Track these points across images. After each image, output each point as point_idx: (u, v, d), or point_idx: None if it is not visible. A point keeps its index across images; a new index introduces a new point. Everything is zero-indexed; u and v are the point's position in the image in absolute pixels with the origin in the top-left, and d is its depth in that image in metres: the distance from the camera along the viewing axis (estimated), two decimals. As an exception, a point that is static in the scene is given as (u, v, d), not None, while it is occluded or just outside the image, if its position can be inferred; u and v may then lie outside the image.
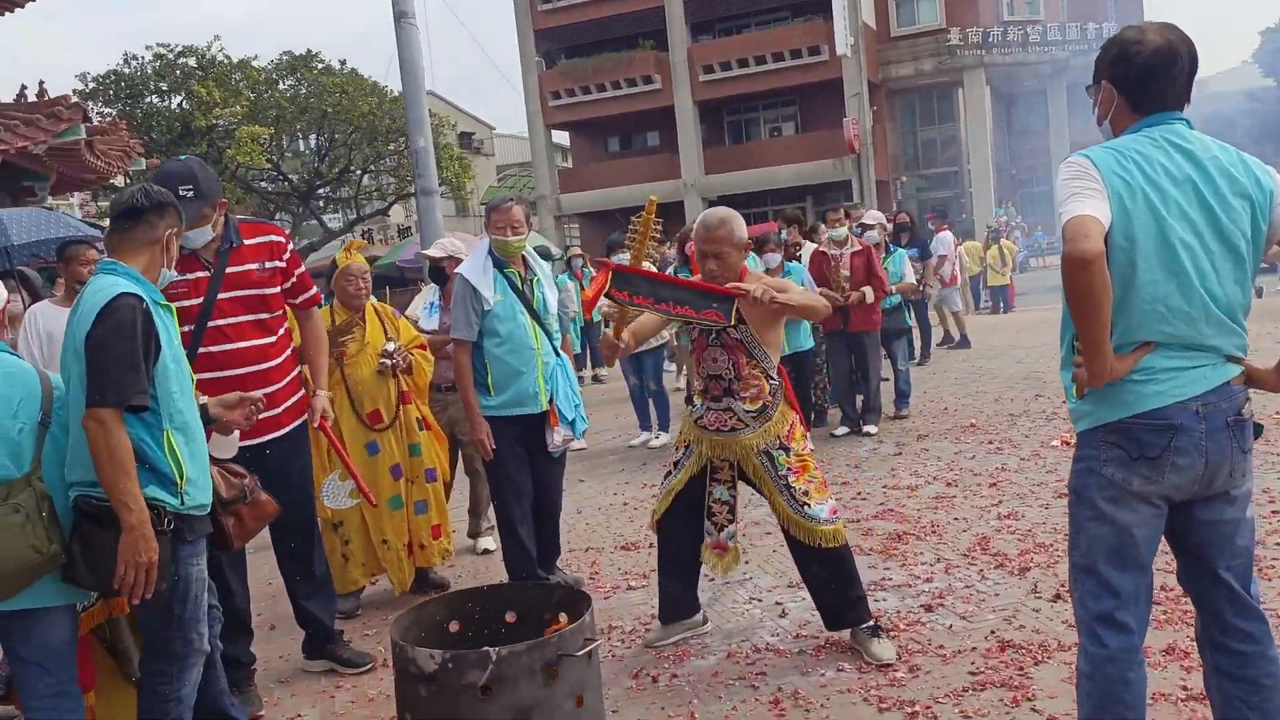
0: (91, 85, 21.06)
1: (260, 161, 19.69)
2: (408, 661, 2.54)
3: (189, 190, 3.65)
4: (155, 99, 20.61)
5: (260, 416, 3.82)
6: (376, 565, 4.94)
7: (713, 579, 4.55)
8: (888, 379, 9.13)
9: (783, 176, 32.61)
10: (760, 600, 4.58)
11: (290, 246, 4.05)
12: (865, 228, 8.78)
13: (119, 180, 18.60)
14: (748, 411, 3.87)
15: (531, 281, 4.62)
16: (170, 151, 21.27)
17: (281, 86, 21.49)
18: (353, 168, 22.52)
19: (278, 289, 3.96)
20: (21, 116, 13.23)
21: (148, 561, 2.74)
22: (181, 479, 2.81)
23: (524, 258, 4.62)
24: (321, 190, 23.16)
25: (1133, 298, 2.38)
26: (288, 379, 3.99)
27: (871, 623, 3.93)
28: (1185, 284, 2.37)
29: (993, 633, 3.97)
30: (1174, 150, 2.41)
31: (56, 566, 2.73)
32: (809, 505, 3.84)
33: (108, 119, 18.96)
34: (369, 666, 4.24)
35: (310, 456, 4.28)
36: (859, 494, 6.25)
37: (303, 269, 4.09)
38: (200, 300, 3.77)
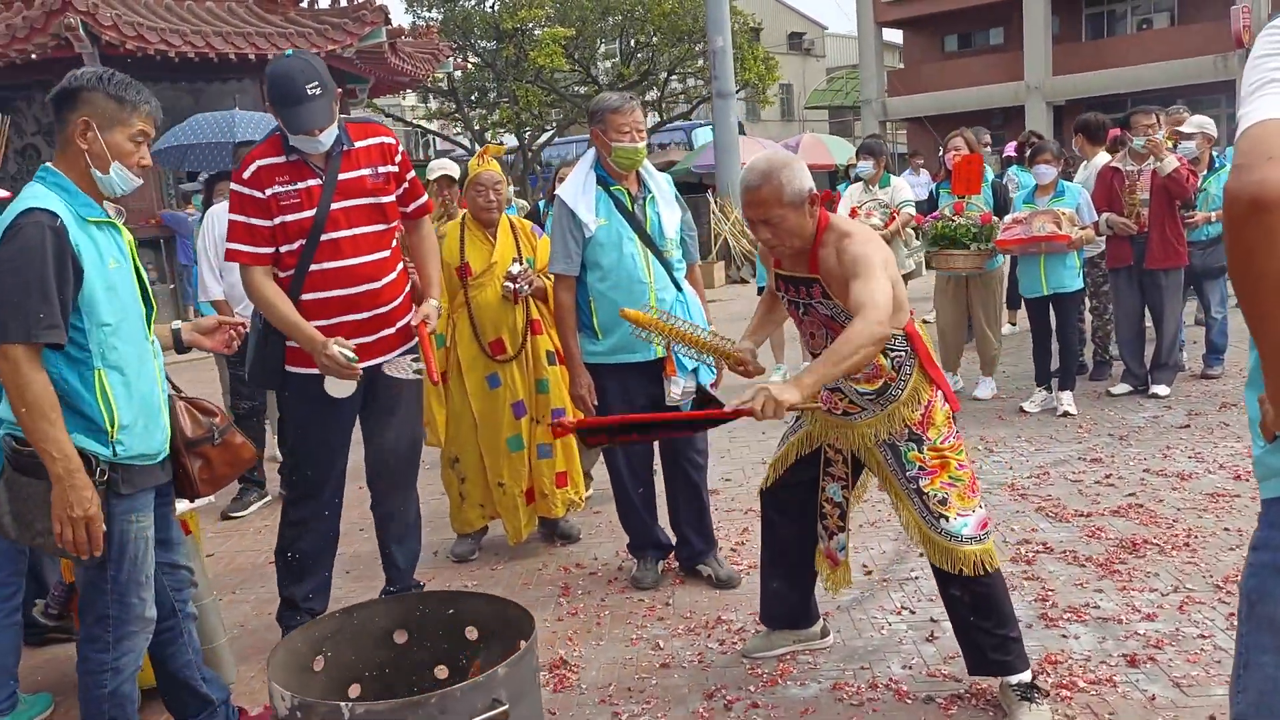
0: (416, -12, 22.02)
1: (561, 63, 19.74)
2: (270, 694, 2.00)
3: (315, 88, 3.22)
4: (470, 2, 21.20)
5: (371, 338, 3.43)
6: (495, 507, 4.49)
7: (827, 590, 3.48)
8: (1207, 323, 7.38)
9: (1147, 77, 28.39)
10: (912, 612, 3.64)
11: (401, 148, 3.58)
12: (1183, 137, 7.01)
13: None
14: (863, 393, 2.92)
15: (644, 201, 3.84)
16: (485, 55, 21.95)
17: (586, -13, 21.33)
18: (658, 70, 22.09)
19: (392, 197, 3.52)
20: (331, 20, 13.93)
21: (83, 515, 2.38)
22: (113, 426, 2.41)
23: (637, 172, 3.84)
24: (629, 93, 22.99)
25: None
26: (401, 297, 3.57)
27: (1026, 678, 2.92)
28: None
29: (1213, 719, 2.83)
30: None
31: None
32: (946, 517, 2.87)
33: (430, 23, 19.79)
34: None
35: (422, 384, 3.85)
36: (1108, 477, 4.96)
37: (414, 173, 3.62)
38: (314, 212, 3.35)
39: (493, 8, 20.87)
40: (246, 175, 3.36)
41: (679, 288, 3.86)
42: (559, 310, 3.86)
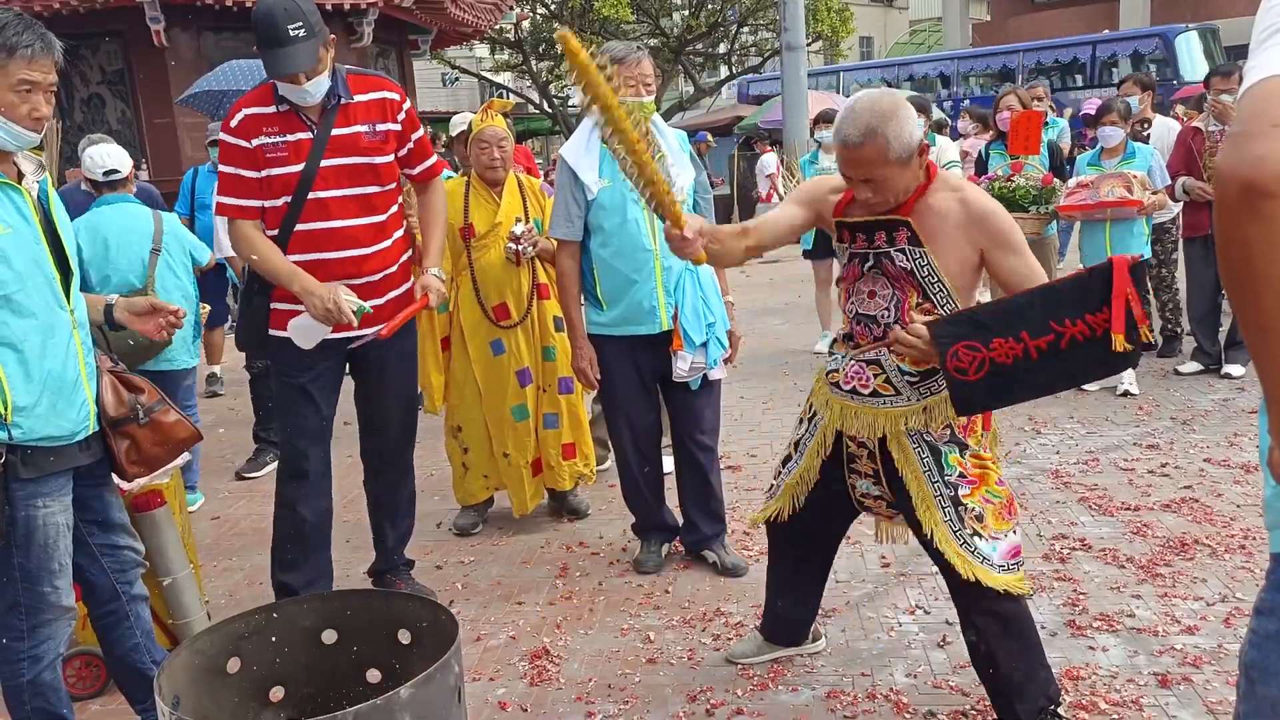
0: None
1: (626, 14, 19.27)
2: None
3: (299, 29, 3.01)
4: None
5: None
6: (500, 478, 4.30)
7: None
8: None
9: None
10: (926, 613, 3.36)
11: (407, 105, 3.34)
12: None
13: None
14: (906, 374, 2.53)
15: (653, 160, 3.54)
16: (551, 6, 21.58)
17: (656, -67, 20.73)
18: (729, 22, 21.46)
19: (390, 157, 3.29)
20: (390, -32, 13.71)
21: None
22: (6, 408, 2.23)
23: (645, 128, 3.55)
24: (698, 46, 22.39)
25: None
26: (392, 267, 3.35)
27: (1048, 705, 2.62)
28: None
29: (1246, 753, 2.51)
30: None
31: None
32: (980, 536, 2.49)
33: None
34: None
35: (415, 358, 3.64)
36: (1163, 466, 4.57)
37: (421, 133, 3.39)
38: (301, 167, 3.15)
39: (559, -43, 20.47)
40: (234, 124, 3.18)
41: (689, 255, 3.58)
42: (560, 278, 3.62)
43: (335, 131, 3.18)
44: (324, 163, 3.17)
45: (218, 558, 4.25)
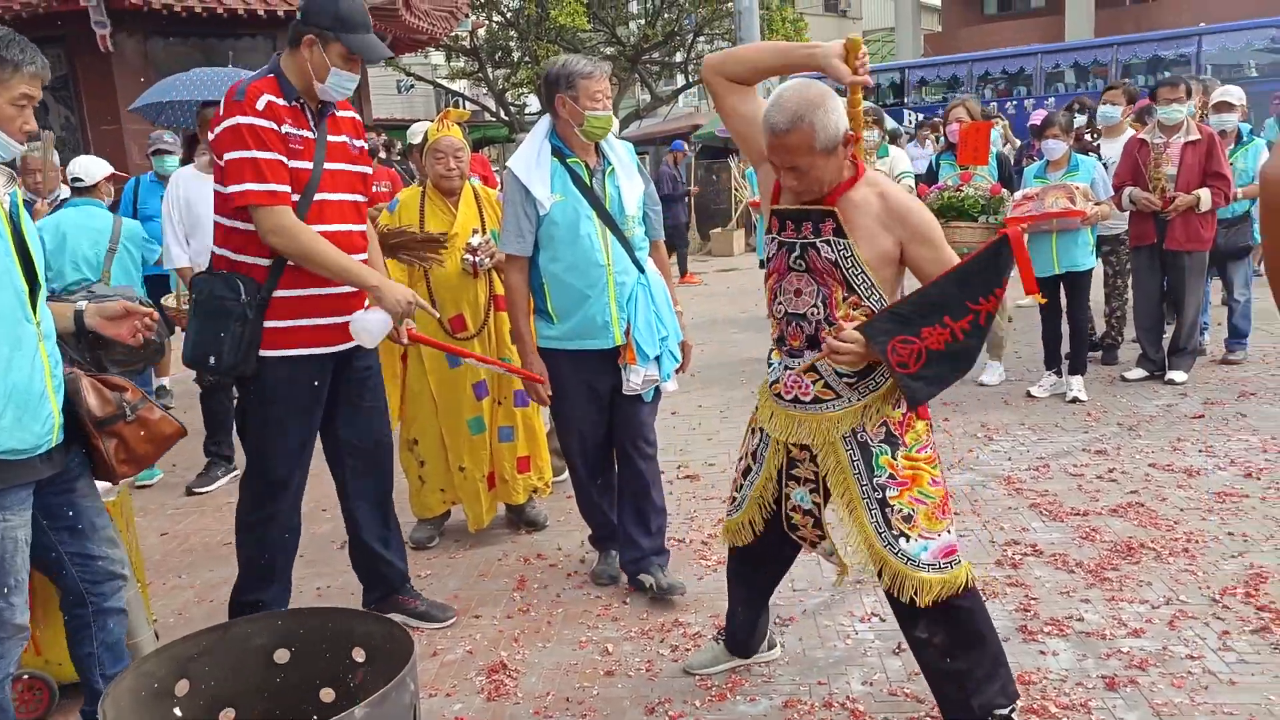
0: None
1: (582, 23, 19.26)
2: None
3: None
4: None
5: (344, 319, 3.14)
6: (456, 492, 4.28)
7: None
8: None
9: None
10: (881, 620, 3.39)
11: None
12: (1222, 109, 6.58)
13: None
14: (843, 377, 2.56)
15: (603, 174, 3.55)
16: (507, 14, 21.53)
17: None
18: (685, 30, 21.53)
19: (370, 169, 3.33)
20: (343, -24, 13.57)
21: None
22: None
23: (596, 142, 3.56)
24: (654, 55, 22.41)
25: None
26: None
27: (1005, 710, 2.65)
28: None
29: (1192, 754, 2.57)
30: None
31: None
32: (907, 537, 2.50)
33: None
34: (450, 621, 3.57)
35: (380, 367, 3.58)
36: (1110, 472, 4.66)
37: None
38: (310, 165, 3.04)
39: (517, -35, 20.37)
40: (260, 106, 2.93)
41: (641, 269, 3.58)
42: (510, 293, 3.59)
43: (329, 137, 3.13)
44: (325, 165, 3.10)
45: (166, 575, 4.18)
